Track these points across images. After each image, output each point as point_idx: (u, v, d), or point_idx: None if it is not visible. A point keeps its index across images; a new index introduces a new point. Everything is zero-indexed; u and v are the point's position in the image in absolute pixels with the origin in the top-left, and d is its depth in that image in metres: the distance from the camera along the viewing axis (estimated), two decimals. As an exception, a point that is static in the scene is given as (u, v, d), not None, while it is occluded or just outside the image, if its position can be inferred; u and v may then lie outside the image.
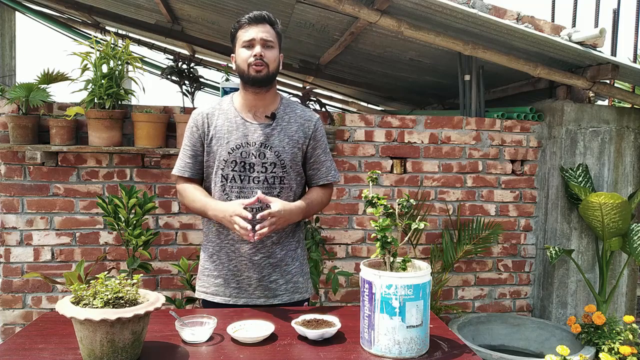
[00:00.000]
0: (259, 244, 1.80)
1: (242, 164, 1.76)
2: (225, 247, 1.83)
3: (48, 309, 2.94)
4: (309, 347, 1.45)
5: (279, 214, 1.66)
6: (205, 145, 1.81)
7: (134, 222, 2.59)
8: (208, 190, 1.84)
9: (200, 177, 1.87)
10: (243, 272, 1.81)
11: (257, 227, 1.64)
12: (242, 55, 1.74)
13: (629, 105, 3.47)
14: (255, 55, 1.71)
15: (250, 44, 1.72)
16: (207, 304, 1.87)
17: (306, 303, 1.93)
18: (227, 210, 1.67)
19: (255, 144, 1.77)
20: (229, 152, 1.76)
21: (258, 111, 1.80)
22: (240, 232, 1.64)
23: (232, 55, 1.81)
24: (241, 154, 1.76)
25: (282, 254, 1.84)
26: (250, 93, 1.78)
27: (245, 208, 1.67)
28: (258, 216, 1.65)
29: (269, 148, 1.77)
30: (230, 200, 1.76)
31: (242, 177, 1.77)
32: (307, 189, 1.94)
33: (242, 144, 1.77)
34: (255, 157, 1.76)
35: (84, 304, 1.29)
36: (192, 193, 1.82)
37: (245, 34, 1.73)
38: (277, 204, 1.67)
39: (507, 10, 2.77)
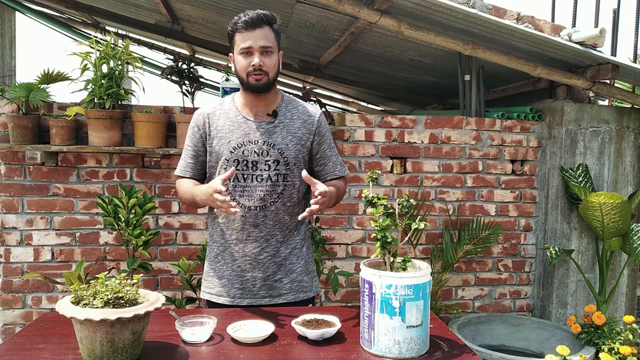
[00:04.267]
0: (264, 243, 1.79)
1: (245, 162, 1.75)
2: (229, 247, 1.82)
3: (48, 309, 2.94)
4: (309, 347, 1.45)
5: (329, 194, 1.62)
6: (207, 146, 1.81)
7: (134, 222, 2.59)
8: None
9: (201, 177, 1.87)
10: (247, 272, 1.81)
11: (312, 201, 1.60)
12: (241, 63, 1.72)
13: (629, 105, 3.47)
14: (254, 65, 1.69)
15: (248, 51, 1.70)
16: (211, 305, 1.87)
17: (311, 304, 1.91)
18: (208, 190, 1.63)
19: (257, 142, 1.76)
20: (230, 151, 1.76)
21: (259, 110, 1.79)
22: (222, 206, 1.58)
23: (231, 54, 1.79)
24: (243, 152, 1.75)
25: (286, 253, 1.83)
26: (250, 95, 1.78)
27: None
28: (316, 193, 1.59)
29: (271, 146, 1.76)
30: (235, 199, 1.76)
31: (245, 176, 1.76)
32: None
33: (243, 142, 1.76)
34: (258, 155, 1.76)
35: (84, 304, 1.29)
36: (184, 186, 1.82)
37: (243, 40, 1.69)
38: (322, 185, 1.61)
39: (507, 10, 2.77)
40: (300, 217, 1.63)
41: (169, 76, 3.12)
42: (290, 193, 1.80)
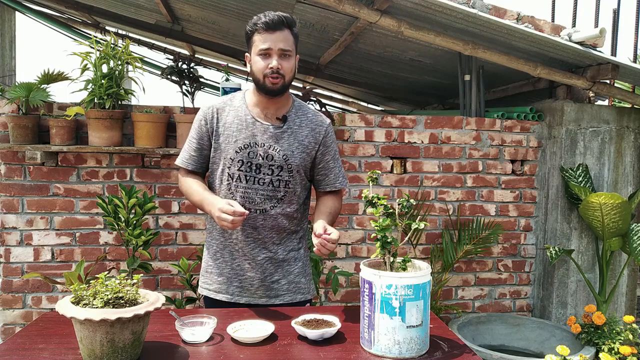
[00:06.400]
0: (262, 245, 1.80)
1: (249, 164, 1.75)
2: (228, 246, 1.82)
3: (48, 309, 2.94)
4: (309, 347, 1.45)
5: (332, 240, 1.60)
6: (212, 141, 1.80)
7: (134, 222, 2.59)
8: (212, 186, 1.83)
9: (203, 171, 1.87)
10: (246, 271, 1.81)
11: (319, 242, 1.58)
12: (258, 65, 1.70)
13: (629, 105, 3.47)
14: (272, 68, 1.67)
15: (266, 53, 1.68)
16: (209, 301, 1.88)
17: (308, 304, 1.92)
18: (214, 207, 1.63)
19: (263, 145, 1.75)
20: (236, 151, 1.75)
21: (270, 112, 1.78)
22: (224, 224, 1.59)
23: (247, 55, 1.78)
24: (248, 154, 1.75)
25: (284, 254, 1.84)
26: (263, 96, 1.76)
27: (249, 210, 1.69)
28: (328, 238, 1.59)
29: (277, 150, 1.75)
30: (235, 199, 1.75)
31: (248, 178, 1.76)
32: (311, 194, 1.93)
33: (250, 143, 1.75)
34: (263, 159, 1.75)
35: (84, 304, 1.29)
36: (192, 186, 1.80)
37: (262, 41, 1.68)
38: (335, 233, 1.60)
39: (507, 10, 2.77)
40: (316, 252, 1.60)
41: (169, 76, 3.11)
42: (291, 199, 1.80)
